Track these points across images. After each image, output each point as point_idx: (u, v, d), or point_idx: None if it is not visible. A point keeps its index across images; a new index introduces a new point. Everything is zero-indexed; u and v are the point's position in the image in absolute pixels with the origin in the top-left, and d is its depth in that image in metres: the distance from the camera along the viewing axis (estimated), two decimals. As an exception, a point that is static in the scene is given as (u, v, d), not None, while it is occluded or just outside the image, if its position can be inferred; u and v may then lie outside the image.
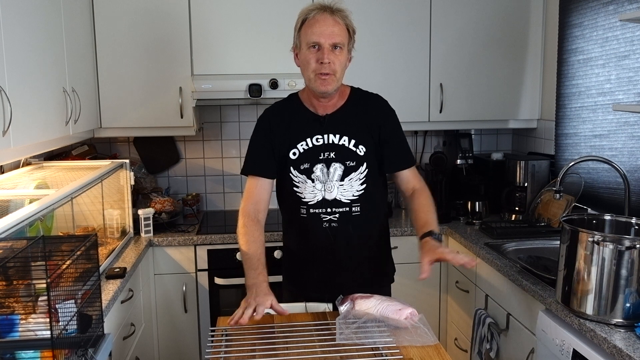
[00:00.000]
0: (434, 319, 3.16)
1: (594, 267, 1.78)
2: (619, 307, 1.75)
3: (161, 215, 3.15)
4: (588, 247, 1.79)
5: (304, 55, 1.88)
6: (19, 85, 1.97)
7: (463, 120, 3.32)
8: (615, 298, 1.76)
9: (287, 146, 1.96)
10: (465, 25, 3.23)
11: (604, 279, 1.77)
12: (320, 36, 1.83)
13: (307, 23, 1.86)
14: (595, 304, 1.79)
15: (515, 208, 3.13)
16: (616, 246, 1.73)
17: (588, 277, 1.80)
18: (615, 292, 1.75)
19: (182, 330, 3.02)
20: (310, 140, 1.96)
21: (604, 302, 1.77)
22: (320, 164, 1.94)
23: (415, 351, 1.60)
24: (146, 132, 3.18)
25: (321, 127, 1.96)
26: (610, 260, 1.75)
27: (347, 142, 1.95)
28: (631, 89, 2.49)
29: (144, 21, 3.04)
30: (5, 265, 1.50)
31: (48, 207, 1.96)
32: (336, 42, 1.85)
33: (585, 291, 1.81)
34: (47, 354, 1.44)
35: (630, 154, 2.50)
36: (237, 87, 2.99)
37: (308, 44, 1.85)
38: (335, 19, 1.85)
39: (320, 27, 1.84)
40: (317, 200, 1.96)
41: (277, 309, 1.75)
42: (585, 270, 1.81)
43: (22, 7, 2.04)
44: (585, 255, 1.80)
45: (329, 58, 1.84)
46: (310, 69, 1.87)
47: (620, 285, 1.74)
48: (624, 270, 1.73)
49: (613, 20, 2.58)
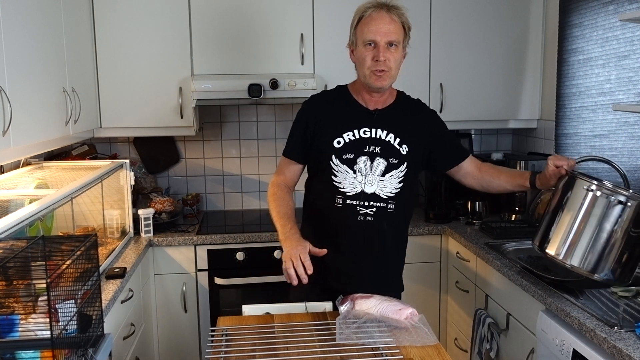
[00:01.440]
0: (434, 319, 3.16)
1: (581, 214, 1.78)
2: (598, 262, 1.77)
3: (161, 215, 3.15)
4: (580, 194, 1.80)
5: (360, 52, 1.92)
6: (19, 85, 1.97)
7: (463, 120, 3.32)
8: (594, 250, 1.77)
9: (331, 134, 1.98)
10: (465, 25, 3.23)
11: (587, 229, 1.76)
12: (376, 34, 1.88)
13: (363, 21, 1.91)
14: (576, 252, 1.79)
15: (515, 208, 3.13)
16: (609, 198, 1.73)
17: (572, 223, 1.80)
18: (595, 243, 1.76)
19: (182, 330, 3.02)
20: (357, 132, 1.98)
21: (580, 250, 1.78)
22: (365, 157, 1.96)
23: (415, 351, 1.60)
24: (146, 132, 3.18)
25: (370, 120, 1.99)
26: (602, 213, 1.75)
27: (392, 140, 1.98)
28: (631, 89, 2.49)
29: (144, 21, 3.04)
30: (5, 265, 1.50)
31: (48, 207, 1.96)
32: (392, 40, 1.89)
33: (563, 237, 1.81)
34: (47, 354, 1.44)
35: (630, 154, 2.50)
36: (237, 87, 2.99)
37: (364, 42, 1.90)
38: (391, 16, 1.90)
39: (376, 25, 1.88)
40: (356, 192, 1.96)
41: (315, 251, 1.81)
42: (572, 217, 1.80)
43: (22, 7, 2.04)
44: (575, 202, 1.81)
45: (384, 56, 1.88)
46: (365, 66, 1.91)
47: (600, 238, 1.75)
48: (608, 224, 1.75)
49: (613, 20, 2.58)
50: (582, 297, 1.99)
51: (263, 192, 3.62)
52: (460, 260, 2.91)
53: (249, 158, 3.60)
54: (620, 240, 1.75)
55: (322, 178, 2.01)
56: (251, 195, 3.63)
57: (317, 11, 3.14)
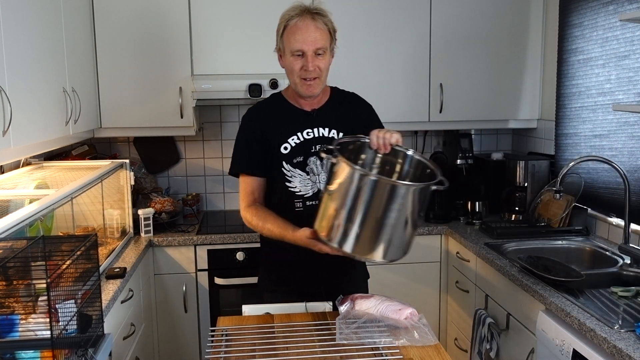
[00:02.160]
0: (434, 319, 3.16)
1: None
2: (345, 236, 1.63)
3: (161, 215, 3.15)
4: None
5: (288, 61, 1.91)
6: (19, 85, 1.97)
7: (463, 120, 3.32)
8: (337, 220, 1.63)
9: (277, 141, 1.97)
10: (465, 25, 3.23)
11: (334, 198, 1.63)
12: (303, 44, 1.86)
13: (289, 29, 1.87)
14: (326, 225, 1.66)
15: (515, 208, 3.13)
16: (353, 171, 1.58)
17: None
18: (336, 214, 1.62)
19: (182, 330, 3.02)
20: (301, 135, 1.98)
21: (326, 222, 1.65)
22: (313, 157, 1.97)
23: (415, 351, 1.60)
24: (146, 132, 3.18)
25: (311, 121, 1.99)
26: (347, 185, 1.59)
27: (336, 135, 1.99)
28: (631, 89, 2.49)
29: (144, 21, 3.04)
30: (5, 265, 1.50)
31: (48, 207, 1.96)
32: (319, 47, 1.88)
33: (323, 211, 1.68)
34: (47, 354, 1.44)
35: (630, 154, 2.50)
36: (237, 87, 2.99)
37: (292, 51, 1.88)
38: (316, 25, 1.87)
39: (302, 34, 1.85)
40: (314, 192, 1.97)
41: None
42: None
43: (22, 7, 2.04)
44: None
45: (313, 65, 1.88)
46: (295, 75, 1.91)
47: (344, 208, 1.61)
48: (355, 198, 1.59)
49: (613, 20, 2.58)
50: (582, 297, 1.99)
51: (263, 192, 3.63)
52: (460, 260, 2.91)
53: (249, 158, 3.59)
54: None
55: (277, 185, 2.00)
56: (251, 195, 3.62)
57: (317, 11, 3.13)
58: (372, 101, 3.29)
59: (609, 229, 2.71)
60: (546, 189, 3.03)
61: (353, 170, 1.58)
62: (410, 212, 1.62)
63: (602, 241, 2.69)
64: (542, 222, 2.93)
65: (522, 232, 2.84)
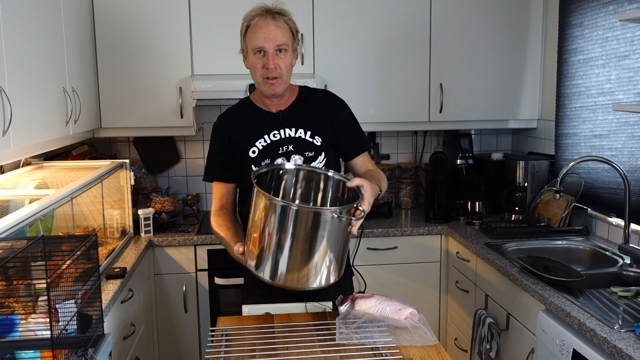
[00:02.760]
0: (434, 319, 3.16)
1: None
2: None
3: (161, 215, 3.15)
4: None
5: (251, 60, 1.92)
6: (19, 85, 1.97)
7: (463, 120, 3.32)
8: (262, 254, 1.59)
9: (245, 146, 1.99)
10: (465, 25, 3.23)
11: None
12: (264, 41, 1.87)
13: (251, 29, 1.90)
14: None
15: (515, 208, 3.13)
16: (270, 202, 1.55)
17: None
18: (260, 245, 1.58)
19: (182, 330, 3.02)
20: (267, 137, 1.99)
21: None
22: (281, 159, 1.98)
23: (415, 351, 1.60)
24: (146, 132, 3.18)
25: (276, 123, 2.00)
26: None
27: (303, 134, 1.99)
28: (631, 89, 2.49)
29: (143, 21, 3.04)
30: (5, 265, 1.50)
31: (48, 207, 1.96)
32: (279, 44, 1.89)
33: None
34: (47, 354, 1.44)
35: (630, 154, 2.50)
36: (237, 87, 2.99)
37: (254, 50, 1.89)
38: (277, 23, 1.89)
39: (263, 32, 1.87)
40: None
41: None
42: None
43: (22, 7, 2.04)
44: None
45: (274, 63, 1.89)
46: (257, 74, 1.92)
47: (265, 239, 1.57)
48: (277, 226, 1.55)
49: (613, 20, 2.58)
50: (582, 297, 1.99)
51: (263, 192, 3.63)
52: (460, 260, 2.91)
53: (249, 158, 3.59)
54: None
55: (249, 189, 1.96)
56: (251, 195, 3.62)
57: (317, 11, 3.14)
58: (372, 101, 3.32)
59: (609, 229, 2.71)
60: (546, 189, 3.03)
61: (269, 200, 1.55)
62: (337, 235, 1.59)
63: (602, 241, 2.69)
64: (542, 222, 2.93)
65: (522, 232, 2.84)
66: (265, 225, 1.57)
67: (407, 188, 3.57)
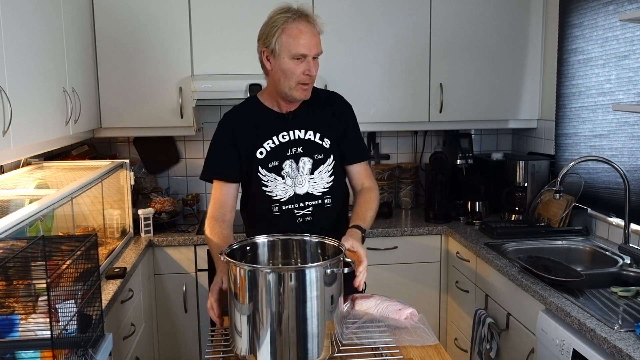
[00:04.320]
0: (434, 319, 3.16)
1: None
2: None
3: (161, 215, 3.15)
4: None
5: (286, 64, 1.87)
6: (19, 85, 1.96)
7: (463, 120, 3.32)
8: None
9: (252, 147, 1.96)
10: (465, 25, 3.23)
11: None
12: (306, 48, 1.85)
13: (288, 32, 1.85)
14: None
15: (515, 208, 3.13)
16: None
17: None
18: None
19: (182, 330, 3.02)
20: (276, 138, 1.96)
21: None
22: (289, 160, 1.96)
23: (415, 351, 1.60)
24: (146, 132, 3.18)
25: (286, 124, 1.98)
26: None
27: (312, 136, 1.98)
28: (631, 89, 2.49)
29: (143, 21, 3.04)
30: (5, 265, 1.50)
31: (48, 207, 1.96)
32: (318, 52, 1.90)
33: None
34: (47, 354, 1.44)
35: (630, 154, 2.50)
36: (237, 87, 2.99)
37: (294, 55, 1.85)
38: (315, 29, 1.89)
39: (306, 39, 1.85)
40: (289, 197, 1.95)
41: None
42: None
43: (22, 7, 2.04)
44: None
45: (315, 70, 1.89)
46: (294, 79, 1.88)
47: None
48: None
49: (613, 20, 2.58)
50: (582, 297, 1.99)
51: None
52: (460, 260, 2.91)
53: (249, 158, 3.59)
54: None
55: (254, 190, 1.99)
56: (251, 195, 3.63)
57: (316, 11, 3.13)
58: (372, 101, 3.32)
59: (609, 229, 2.71)
60: (546, 189, 3.03)
61: (246, 270, 1.46)
62: (330, 294, 1.49)
63: (602, 241, 2.69)
64: (542, 222, 2.93)
65: (522, 232, 2.84)
66: (263, 300, 1.44)
67: (407, 188, 3.57)
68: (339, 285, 1.54)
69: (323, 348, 1.49)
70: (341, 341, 1.57)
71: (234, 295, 1.51)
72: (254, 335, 1.47)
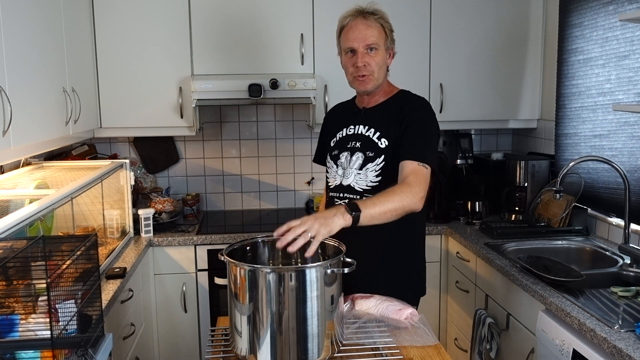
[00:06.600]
0: (434, 319, 3.16)
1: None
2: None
3: (161, 215, 3.15)
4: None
5: (343, 60, 2.03)
6: (19, 85, 1.97)
7: (463, 120, 3.32)
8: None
9: (332, 135, 2.15)
10: (465, 25, 3.23)
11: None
12: (353, 41, 1.96)
13: (344, 30, 1.99)
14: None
15: (515, 208, 3.13)
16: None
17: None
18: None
19: (182, 330, 3.02)
20: (345, 130, 2.10)
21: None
22: (347, 152, 2.06)
23: (415, 351, 1.60)
24: (146, 132, 3.18)
25: (357, 119, 2.08)
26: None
27: (372, 134, 2.03)
28: (631, 89, 2.49)
29: (143, 21, 3.04)
30: (5, 265, 1.50)
31: (48, 207, 1.96)
32: (369, 43, 1.95)
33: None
34: (47, 354, 1.44)
35: (630, 154, 2.50)
36: (237, 87, 2.99)
37: (345, 50, 1.99)
38: (368, 22, 1.95)
39: (353, 32, 1.96)
40: (336, 185, 2.06)
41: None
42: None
43: (22, 7, 2.04)
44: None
45: (363, 61, 1.95)
46: (349, 73, 2.02)
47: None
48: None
49: (613, 20, 2.58)
50: (582, 297, 1.99)
51: (263, 192, 3.63)
52: (460, 260, 2.91)
53: (249, 158, 3.60)
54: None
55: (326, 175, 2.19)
56: (251, 195, 3.63)
57: (317, 11, 3.14)
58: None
59: (609, 229, 2.71)
60: (546, 189, 3.03)
61: (246, 270, 1.46)
62: (330, 293, 1.48)
63: (602, 241, 2.69)
64: (542, 222, 2.93)
65: (522, 232, 2.84)
66: (264, 300, 1.44)
67: (407, 188, 3.57)
68: (339, 285, 1.54)
69: (323, 348, 1.49)
70: (341, 341, 1.57)
71: (234, 295, 1.52)
72: (254, 335, 1.48)
